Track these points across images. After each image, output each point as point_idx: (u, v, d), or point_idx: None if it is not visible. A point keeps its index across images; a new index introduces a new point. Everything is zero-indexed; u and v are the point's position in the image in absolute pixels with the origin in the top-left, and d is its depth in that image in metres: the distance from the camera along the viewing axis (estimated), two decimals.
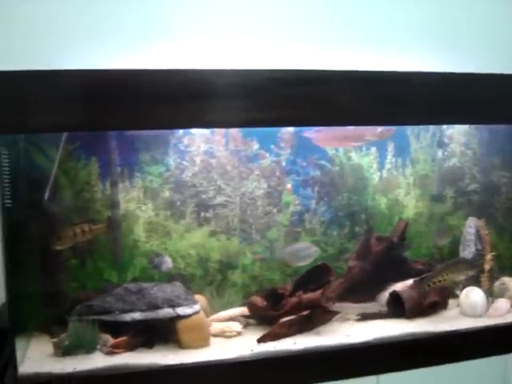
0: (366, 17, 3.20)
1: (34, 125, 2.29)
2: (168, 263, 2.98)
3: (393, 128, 3.22)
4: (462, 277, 3.01)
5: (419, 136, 3.44)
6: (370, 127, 3.17)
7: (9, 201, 2.39)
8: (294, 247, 3.12)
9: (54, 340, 2.63)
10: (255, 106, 2.53)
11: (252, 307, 2.96)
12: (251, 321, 2.99)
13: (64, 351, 2.60)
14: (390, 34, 3.23)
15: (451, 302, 3.20)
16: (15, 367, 2.43)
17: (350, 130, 3.20)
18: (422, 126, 3.40)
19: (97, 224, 2.91)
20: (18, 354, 2.46)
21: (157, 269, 2.97)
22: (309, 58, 3.04)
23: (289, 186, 3.26)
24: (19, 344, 2.49)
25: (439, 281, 2.94)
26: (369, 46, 3.19)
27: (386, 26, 3.24)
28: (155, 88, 2.41)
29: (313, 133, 3.11)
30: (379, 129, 3.18)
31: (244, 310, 3.00)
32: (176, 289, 2.80)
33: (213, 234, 3.15)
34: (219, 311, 3.01)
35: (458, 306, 3.14)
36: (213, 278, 3.12)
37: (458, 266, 3.00)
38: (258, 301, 2.95)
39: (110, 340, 2.66)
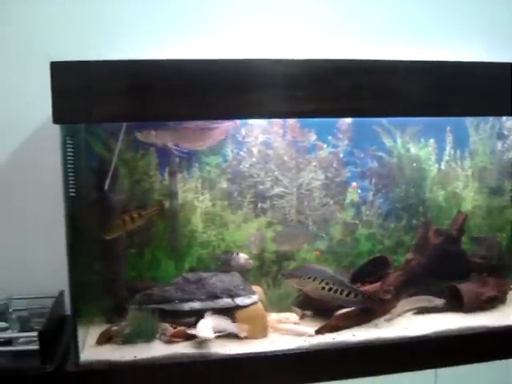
0: (429, 8, 3.19)
1: (98, 114, 2.32)
2: (238, 259, 2.98)
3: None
4: None
5: (478, 127, 3.37)
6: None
7: (73, 190, 2.42)
8: None
9: (115, 328, 2.65)
10: (316, 96, 2.52)
11: (309, 299, 2.94)
12: (307, 312, 2.98)
13: (124, 339, 2.62)
14: (454, 24, 3.22)
15: (510, 296, 3.15)
16: (77, 354, 2.46)
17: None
18: (481, 118, 3.34)
19: (147, 209, 2.91)
20: (79, 341, 2.49)
21: (227, 265, 2.97)
22: (371, 49, 3.04)
23: (354, 184, 3.25)
24: (79, 331, 2.51)
25: None
26: (432, 36, 3.18)
27: (449, 17, 3.23)
28: (216, 78, 2.41)
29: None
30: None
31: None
32: (234, 279, 2.81)
33: (269, 224, 3.14)
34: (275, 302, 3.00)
35: None
36: (269, 269, 3.12)
37: None
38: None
39: (169, 329, 2.67)
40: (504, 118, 3.40)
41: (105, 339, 2.63)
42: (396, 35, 3.22)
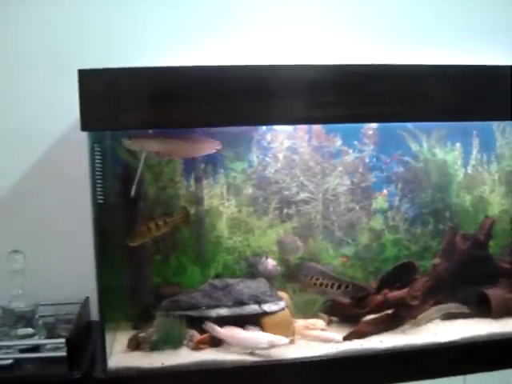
0: (455, 13, 3.18)
1: (126, 121, 2.32)
2: (266, 264, 2.98)
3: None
4: None
5: (505, 131, 3.34)
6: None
7: (101, 197, 2.42)
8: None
9: (142, 335, 2.65)
10: (340, 101, 2.50)
11: (336, 305, 2.93)
12: (334, 318, 2.97)
13: (151, 346, 2.61)
14: (477, 28, 3.21)
15: None
16: (105, 361, 2.45)
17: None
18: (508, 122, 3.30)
19: (172, 216, 2.91)
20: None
21: (253, 268, 2.98)
22: (396, 54, 3.03)
23: (385, 191, 3.23)
24: (106, 338, 2.50)
25: None
26: (458, 41, 3.17)
27: (474, 22, 3.22)
28: (241, 84, 2.41)
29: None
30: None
31: None
32: (261, 285, 2.80)
33: (295, 230, 3.13)
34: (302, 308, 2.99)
35: None
36: (295, 275, 3.09)
37: None
38: (343, 299, 2.92)
39: (196, 335, 2.66)
40: None
41: (133, 346, 2.63)
42: (420, 40, 3.20)
